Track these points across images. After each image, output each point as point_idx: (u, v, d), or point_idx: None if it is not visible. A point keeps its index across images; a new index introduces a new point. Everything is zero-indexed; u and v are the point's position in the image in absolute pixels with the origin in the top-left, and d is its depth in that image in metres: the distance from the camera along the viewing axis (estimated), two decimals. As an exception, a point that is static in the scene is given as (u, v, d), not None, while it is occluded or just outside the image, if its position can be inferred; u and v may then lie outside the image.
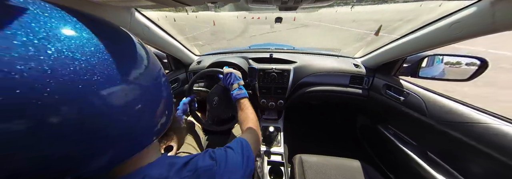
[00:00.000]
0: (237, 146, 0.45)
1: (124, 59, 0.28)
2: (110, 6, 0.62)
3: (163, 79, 0.36)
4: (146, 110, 0.30)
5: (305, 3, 0.52)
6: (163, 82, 0.36)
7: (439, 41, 0.71)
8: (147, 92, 0.30)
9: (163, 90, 0.35)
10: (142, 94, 0.29)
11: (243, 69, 1.21)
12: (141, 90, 0.29)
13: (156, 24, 0.91)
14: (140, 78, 0.29)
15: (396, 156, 0.99)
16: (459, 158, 0.71)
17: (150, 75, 0.32)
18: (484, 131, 0.62)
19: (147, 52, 0.34)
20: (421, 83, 0.95)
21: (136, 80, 0.28)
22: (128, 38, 0.32)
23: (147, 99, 0.30)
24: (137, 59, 0.30)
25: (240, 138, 0.50)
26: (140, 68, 0.30)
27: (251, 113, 0.73)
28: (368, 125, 1.37)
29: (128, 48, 0.30)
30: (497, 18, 0.50)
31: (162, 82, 0.35)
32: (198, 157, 0.37)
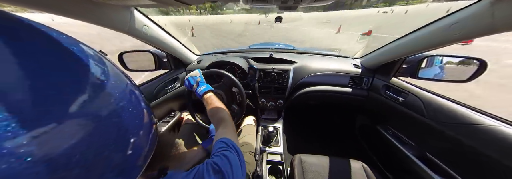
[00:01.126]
0: (225, 146, 0.45)
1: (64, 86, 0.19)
2: (110, 5, 0.62)
3: (132, 97, 0.27)
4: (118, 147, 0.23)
5: (305, 3, 0.52)
6: (132, 102, 0.26)
7: (438, 42, 0.71)
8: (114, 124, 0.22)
9: (135, 111, 0.27)
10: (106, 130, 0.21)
11: (243, 69, 1.21)
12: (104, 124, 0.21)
13: (156, 23, 0.91)
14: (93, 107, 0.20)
15: (395, 156, 0.99)
16: (458, 159, 0.71)
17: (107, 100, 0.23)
18: (482, 132, 0.62)
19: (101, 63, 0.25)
20: (421, 84, 0.95)
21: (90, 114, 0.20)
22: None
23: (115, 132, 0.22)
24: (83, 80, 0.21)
25: (221, 139, 0.49)
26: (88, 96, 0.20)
27: (217, 104, 0.71)
28: (367, 126, 1.37)
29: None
30: (497, 19, 0.50)
31: (131, 102, 0.26)
32: (203, 174, 0.36)
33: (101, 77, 0.23)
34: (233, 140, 0.49)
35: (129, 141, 0.25)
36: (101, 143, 0.20)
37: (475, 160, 0.64)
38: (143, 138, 0.28)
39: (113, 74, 0.25)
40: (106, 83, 0.23)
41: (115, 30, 0.69)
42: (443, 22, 0.67)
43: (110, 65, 0.26)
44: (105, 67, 0.25)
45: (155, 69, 1.17)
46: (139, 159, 0.27)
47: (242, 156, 0.45)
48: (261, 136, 1.20)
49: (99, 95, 0.21)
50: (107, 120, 0.22)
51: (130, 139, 0.25)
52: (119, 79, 0.26)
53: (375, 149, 1.31)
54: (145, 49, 1.13)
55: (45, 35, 0.21)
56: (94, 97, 0.21)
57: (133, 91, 0.29)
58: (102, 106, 0.21)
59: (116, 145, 0.23)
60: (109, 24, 0.65)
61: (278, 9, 0.63)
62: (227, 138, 0.49)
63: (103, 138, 0.21)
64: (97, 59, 0.24)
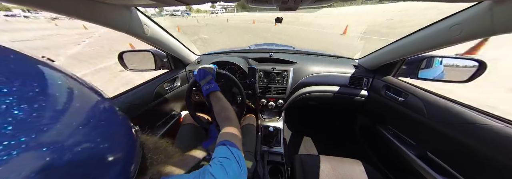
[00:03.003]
0: (226, 152, 0.44)
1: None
2: (110, 5, 0.62)
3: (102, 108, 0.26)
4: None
5: (305, 3, 0.52)
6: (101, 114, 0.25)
7: (438, 43, 0.71)
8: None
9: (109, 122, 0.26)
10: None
11: (243, 69, 1.21)
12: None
13: (156, 23, 0.91)
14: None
15: (396, 156, 0.99)
16: (459, 158, 0.72)
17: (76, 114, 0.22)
18: (483, 132, 0.62)
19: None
20: (420, 85, 0.95)
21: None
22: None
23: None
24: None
25: (224, 141, 0.49)
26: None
27: (224, 102, 0.70)
28: (368, 126, 1.38)
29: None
30: (496, 21, 0.50)
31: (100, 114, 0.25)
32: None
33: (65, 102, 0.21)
34: (236, 143, 0.49)
35: (103, 161, 0.24)
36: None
37: (476, 159, 0.64)
38: (118, 155, 0.26)
39: (78, 95, 0.24)
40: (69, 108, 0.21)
41: (115, 29, 0.69)
42: (443, 24, 0.67)
43: (74, 85, 0.24)
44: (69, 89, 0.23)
45: (155, 69, 1.17)
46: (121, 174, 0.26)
47: (243, 161, 0.45)
48: (262, 136, 1.20)
49: (65, 121, 0.20)
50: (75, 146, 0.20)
51: (104, 158, 0.24)
52: (86, 99, 0.25)
53: (375, 149, 1.31)
54: (145, 49, 1.12)
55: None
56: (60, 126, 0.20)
57: (104, 109, 0.27)
58: (67, 134, 0.20)
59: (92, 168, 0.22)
60: (109, 23, 0.65)
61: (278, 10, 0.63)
62: (230, 142, 0.49)
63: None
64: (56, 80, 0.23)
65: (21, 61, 0.21)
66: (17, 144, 0.16)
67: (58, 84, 0.22)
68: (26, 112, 0.17)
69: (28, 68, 0.21)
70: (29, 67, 0.21)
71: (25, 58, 0.22)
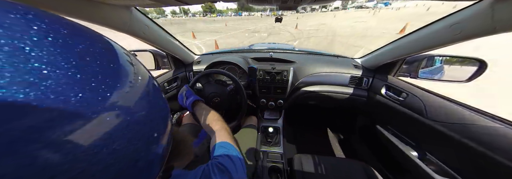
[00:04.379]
0: (226, 149, 0.46)
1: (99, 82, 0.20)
2: (109, 5, 0.62)
3: (154, 91, 0.28)
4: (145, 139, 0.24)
5: (305, 3, 0.52)
6: (155, 96, 0.28)
7: (438, 42, 0.71)
8: (142, 118, 0.24)
9: (158, 105, 0.28)
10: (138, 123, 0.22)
11: (243, 69, 1.21)
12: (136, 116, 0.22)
13: (156, 23, 0.91)
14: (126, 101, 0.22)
15: (395, 156, 0.99)
16: (458, 159, 0.71)
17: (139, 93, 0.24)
18: (483, 132, 0.62)
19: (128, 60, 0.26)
20: (420, 84, 0.95)
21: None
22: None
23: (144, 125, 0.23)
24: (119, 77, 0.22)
25: (219, 143, 0.50)
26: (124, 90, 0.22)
27: (208, 110, 0.70)
28: (368, 126, 1.37)
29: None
30: (496, 20, 0.50)
31: (154, 97, 0.28)
32: (210, 174, 0.37)
33: (135, 77, 0.24)
34: (231, 143, 0.50)
35: (154, 136, 0.26)
36: (131, 136, 0.22)
37: (475, 160, 0.64)
38: (165, 132, 0.29)
39: (143, 75, 0.27)
40: (139, 82, 0.25)
41: (115, 29, 0.69)
42: (443, 23, 0.67)
43: (141, 67, 0.28)
44: (137, 67, 0.26)
45: (155, 69, 1.18)
46: (163, 155, 0.29)
47: (241, 157, 0.46)
48: (261, 136, 1.20)
49: (133, 92, 0.23)
50: (137, 114, 0.23)
51: (155, 133, 0.26)
52: (147, 79, 0.28)
53: (375, 149, 1.31)
54: (145, 49, 1.13)
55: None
56: (130, 94, 0.23)
57: (158, 89, 0.31)
58: (135, 102, 0.23)
59: (145, 138, 0.24)
60: (109, 23, 0.65)
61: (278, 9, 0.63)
62: (225, 142, 0.50)
63: (133, 131, 0.22)
64: (131, 60, 0.26)
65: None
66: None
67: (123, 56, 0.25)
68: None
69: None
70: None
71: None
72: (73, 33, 0.20)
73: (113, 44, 0.26)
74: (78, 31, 0.21)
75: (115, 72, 0.22)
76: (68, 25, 0.21)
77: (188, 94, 0.80)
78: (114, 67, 0.22)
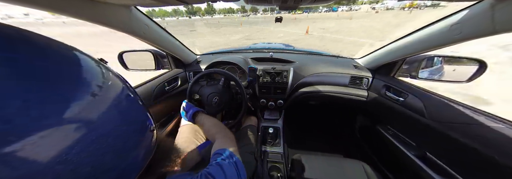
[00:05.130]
0: (223, 157, 0.45)
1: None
2: (109, 4, 0.62)
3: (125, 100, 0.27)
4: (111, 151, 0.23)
5: (305, 3, 0.52)
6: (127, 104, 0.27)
7: (438, 43, 0.71)
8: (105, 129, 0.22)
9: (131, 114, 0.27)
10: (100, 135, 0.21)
11: (243, 69, 1.21)
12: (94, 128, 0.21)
13: (156, 22, 0.91)
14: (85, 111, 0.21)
15: (395, 156, 0.99)
16: (458, 159, 0.71)
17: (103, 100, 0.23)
18: (482, 132, 0.62)
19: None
20: (420, 84, 0.95)
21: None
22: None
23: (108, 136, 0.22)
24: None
25: (217, 151, 0.50)
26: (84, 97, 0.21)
27: (211, 119, 0.73)
28: (368, 126, 1.37)
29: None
30: (497, 20, 0.50)
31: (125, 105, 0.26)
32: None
33: (99, 86, 0.23)
34: (230, 149, 0.49)
35: (125, 147, 0.25)
36: (95, 147, 0.21)
37: (475, 160, 0.64)
38: (139, 144, 0.28)
39: (110, 83, 0.25)
40: (103, 92, 0.23)
41: (115, 29, 0.69)
42: (443, 23, 0.67)
43: (107, 74, 0.26)
44: (103, 76, 0.25)
45: (155, 69, 1.17)
46: (134, 166, 0.28)
47: (240, 164, 0.45)
48: (261, 136, 1.20)
49: (96, 103, 0.22)
50: (100, 124, 0.22)
51: (126, 146, 0.25)
52: (115, 88, 0.26)
53: (375, 149, 1.31)
54: (145, 49, 1.12)
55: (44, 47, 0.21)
56: (90, 105, 0.21)
57: (131, 100, 0.29)
58: (96, 112, 0.22)
59: (112, 149, 0.23)
60: (109, 23, 0.65)
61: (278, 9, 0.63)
62: (224, 149, 0.49)
63: (96, 143, 0.21)
64: (96, 68, 0.25)
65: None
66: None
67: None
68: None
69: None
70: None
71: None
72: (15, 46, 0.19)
73: (74, 52, 0.24)
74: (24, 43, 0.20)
75: (74, 83, 0.21)
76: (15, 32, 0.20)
77: (187, 107, 0.83)
78: (72, 77, 0.21)
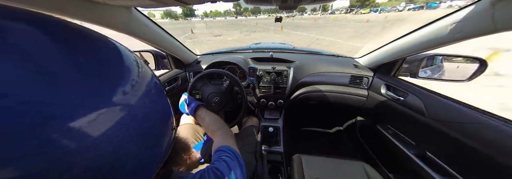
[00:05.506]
0: (227, 154, 0.46)
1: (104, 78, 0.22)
2: (109, 5, 0.62)
3: (155, 89, 0.30)
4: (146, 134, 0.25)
5: (305, 2, 0.52)
6: (157, 93, 0.30)
7: (439, 42, 0.71)
8: (143, 111, 0.25)
9: (160, 103, 0.30)
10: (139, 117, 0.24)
11: (243, 69, 1.21)
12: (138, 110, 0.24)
13: (156, 23, 0.91)
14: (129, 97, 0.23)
15: (395, 156, 0.99)
16: (458, 158, 0.71)
17: (141, 89, 0.26)
18: (482, 131, 0.62)
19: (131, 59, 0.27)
20: (419, 83, 0.95)
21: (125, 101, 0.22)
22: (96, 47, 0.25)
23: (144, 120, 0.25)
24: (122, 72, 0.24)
25: (219, 147, 0.50)
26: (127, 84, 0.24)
27: (211, 115, 0.73)
28: (368, 125, 1.38)
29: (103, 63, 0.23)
30: (497, 19, 0.50)
31: (156, 93, 0.29)
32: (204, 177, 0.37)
33: (137, 81, 0.26)
34: (232, 147, 0.50)
35: (154, 138, 0.27)
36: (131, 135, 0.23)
37: (475, 159, 0.64)
38: (165, 137, 0.31)
39: (148, 80, 0.29)
40: (141, 85, 0.26)
41: (115, 30, 0.69)
42: (444, 22, 0.67)
43: (147, 71, 0.30)
44: (142, 71, 0.28)
45: (155, 69, 1.18)
46: (158, 158, 0.30)
47: (242, 161, 0.46)
48: (261, 136, 1.20)
49: (136, 96, 0.25)
50: (139, 113, 0.24)
51: (154, 136, 0.28)
52: (148, 79, 0.29)
53: (375, 149, 1.31)
54: (145, 49, 1.13)
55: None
56: (133, 95, 0.24)
57: (163, 96, 0.32)
58: (137, 104, 0.25)
59: (142, 139, 0.25)
60: (109, 24, 0.65)
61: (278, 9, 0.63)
62: (226, 146, 0.50)
63: (132, 131, 0.23)
64: (138, 64, 0.28)
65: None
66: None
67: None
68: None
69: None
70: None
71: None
72: (75, 37, 0.22)
73: (118, 46, 0.27)
74: (81, 36, 0.23)
75: (120, 71, 0.24)
76: (73, 30, 0.23)
77: (189, 101, 0.82)
78: (119, 67, 0.24)
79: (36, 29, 0.19)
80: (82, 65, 0.20)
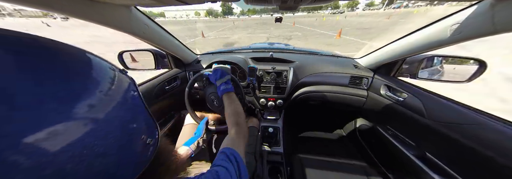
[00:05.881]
0: (225, 162, 0.45)
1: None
2: (110, 4, 0.62)
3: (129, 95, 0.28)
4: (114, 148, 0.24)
5: (305, 3, 0.52)
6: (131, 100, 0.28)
7: (438, 43, 0.71)
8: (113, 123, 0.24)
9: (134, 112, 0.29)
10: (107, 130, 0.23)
11: (243, 69, 1.21)
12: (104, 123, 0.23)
13: (156, 22, 0.91)
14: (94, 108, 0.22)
15: (395, 157, 0.99)
16: (457, 159, 0.71)
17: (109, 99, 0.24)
18: (482, 132, 0.62)
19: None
20: (419, 84, 0.95)
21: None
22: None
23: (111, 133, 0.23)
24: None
25: (224, 149, 0.49)
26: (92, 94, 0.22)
27: (238, 106, 0.71)
28: (367, 126, 1.38)
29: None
30: (497, 20, 0.50)
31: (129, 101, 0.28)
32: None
33: (107, 88, 0.25)
34: (237, 151, 0.49)
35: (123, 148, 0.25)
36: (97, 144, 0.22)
37: (475, 160, 0.64)
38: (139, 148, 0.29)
39: (118, 90, 0.27)
40: (109, 94, 0.25)
41: (115, 29, 0.69)
42: (444, 23, 0.67)
43: (118, 80, 0.27)
44: (111, 80, 0.26)
45: (155, 69, 1.17)
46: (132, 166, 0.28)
47: (243, 166, 0.45)
48: (261, 136, 1.20)
49: (103, 104, 0.23)
50: (105, 122, 0.23)
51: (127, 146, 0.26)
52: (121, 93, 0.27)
53: (375, 149, 1.31)
54: (145, 48, 1.12)
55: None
56: (99, 104, 0.23)
57: (136, 103, 0.30)
58: (103, 112, 0.23)
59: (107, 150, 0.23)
60: (109, 23, 0.65)
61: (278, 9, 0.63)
62: (231, 149, 0.49)
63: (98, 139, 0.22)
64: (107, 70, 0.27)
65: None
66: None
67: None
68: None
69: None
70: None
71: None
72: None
73: (92, 58, 0.26)
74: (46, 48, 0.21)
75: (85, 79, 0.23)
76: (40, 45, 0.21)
77: (222, 75, 0.80)
78: (85, 77, 0.23)
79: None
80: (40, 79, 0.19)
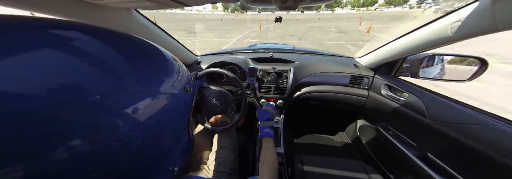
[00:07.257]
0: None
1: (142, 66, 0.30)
2: (110, 8, 0.62)
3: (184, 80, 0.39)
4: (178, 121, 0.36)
5: (305, 3, 0.52)
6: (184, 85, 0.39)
7: (439, 41, 0.70)
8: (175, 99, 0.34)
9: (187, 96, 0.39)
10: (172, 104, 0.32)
11: (243, 69, 1.21)
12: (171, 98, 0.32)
13: (156, 24, 0.91)
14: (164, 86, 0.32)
15: (396, 157, 0.98)
16: (459, 159, 0.71)
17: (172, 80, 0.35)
18: (483, 132, 0.61)
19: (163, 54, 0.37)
20: (420, 83, 0.94)
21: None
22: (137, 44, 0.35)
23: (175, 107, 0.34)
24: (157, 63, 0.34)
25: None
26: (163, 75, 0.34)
27: (273, 153, 0.75)
28: (368, 126, 1.37)
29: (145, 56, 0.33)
30: (498, 18, 0.50)
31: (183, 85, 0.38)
32: None
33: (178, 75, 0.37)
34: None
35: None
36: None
37: (476, 160, 0.64)
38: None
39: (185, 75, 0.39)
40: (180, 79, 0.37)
41: None
42: (444, 21, 0.67)
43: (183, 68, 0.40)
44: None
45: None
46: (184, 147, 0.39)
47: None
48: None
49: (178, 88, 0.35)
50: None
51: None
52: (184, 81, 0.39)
53: (375, 149, 1.30)
54: None
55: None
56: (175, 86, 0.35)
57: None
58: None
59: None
60: (109, 25, 0.65)
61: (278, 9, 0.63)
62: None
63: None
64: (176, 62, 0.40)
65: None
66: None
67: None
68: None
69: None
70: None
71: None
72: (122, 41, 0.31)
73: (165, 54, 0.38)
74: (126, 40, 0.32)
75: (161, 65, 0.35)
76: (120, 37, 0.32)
77: (271, 120, 0.90)
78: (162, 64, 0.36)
79: (112, 42, 0.28)
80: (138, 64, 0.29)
